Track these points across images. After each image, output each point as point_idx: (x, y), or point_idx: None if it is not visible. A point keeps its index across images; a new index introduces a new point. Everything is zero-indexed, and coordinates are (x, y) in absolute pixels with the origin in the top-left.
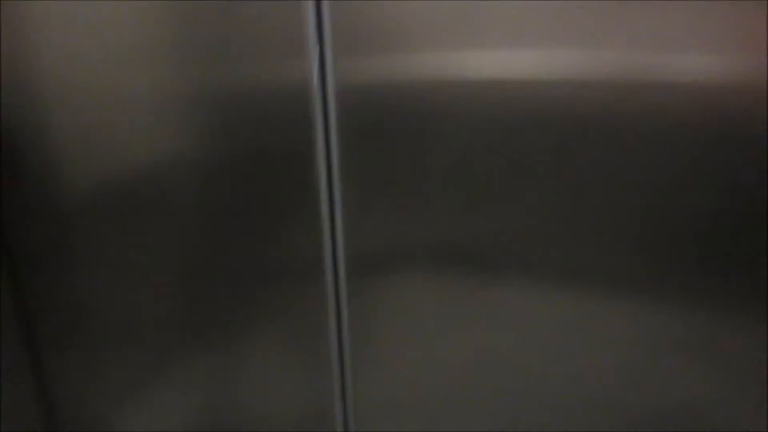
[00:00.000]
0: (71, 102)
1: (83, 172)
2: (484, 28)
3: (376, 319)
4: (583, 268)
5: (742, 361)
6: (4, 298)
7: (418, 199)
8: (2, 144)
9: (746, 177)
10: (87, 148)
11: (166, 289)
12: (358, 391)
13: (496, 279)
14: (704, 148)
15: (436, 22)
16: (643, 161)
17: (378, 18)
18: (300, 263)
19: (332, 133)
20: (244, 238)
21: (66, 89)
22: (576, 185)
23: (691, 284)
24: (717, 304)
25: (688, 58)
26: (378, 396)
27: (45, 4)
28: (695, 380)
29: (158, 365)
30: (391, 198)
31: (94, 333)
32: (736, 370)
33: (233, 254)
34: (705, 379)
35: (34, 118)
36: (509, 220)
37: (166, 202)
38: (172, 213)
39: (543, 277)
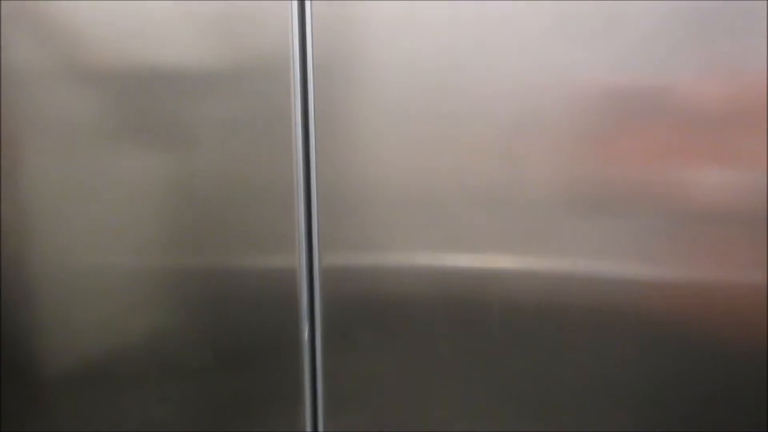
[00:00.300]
0: (57, 277)
1: (65, 349)
2: (465, 232)
3: None
4: None
5: None
6: None
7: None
8: None
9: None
10: (71, 325)
11: None
12: None
13: None
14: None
15: (419, 224)
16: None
17: (364, 218)
18: None
19: (317, 318)
20: (224, 414)
21: (52, 265)
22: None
23: None
24: None
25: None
26: None
27: (40, 182)
28: None
29: None
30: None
31: None
32: None
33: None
34: None
35: (17, 294)
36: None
37: (148, 379)
38: (154, 390)
39: None
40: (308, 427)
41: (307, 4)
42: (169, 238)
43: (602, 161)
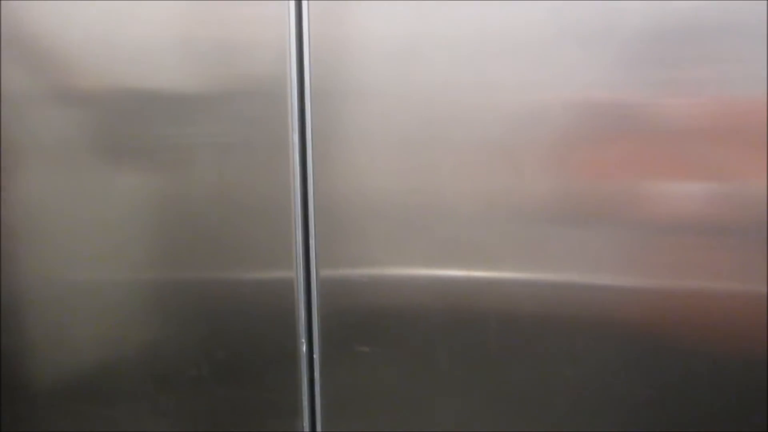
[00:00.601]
0: (52, 293)
1: (60, 363)
2: (457, 245)
3: None
4: None
5: None
6: None
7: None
8: None
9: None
10: (67, 339)
11: None
12: None
13: None
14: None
15: (414, 239)
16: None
17: (360, 233)
18: None
19: (315, 331)
20: (221, 426)
21: (48, 281)
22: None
23: None
24: None
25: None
26: None
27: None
28: None
29: None
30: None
31: None
32: None
33: None
34: None
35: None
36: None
37: (144, 392)
38: (150, 403)
39: None
40: None
41: (305, 26)
42: (167, 253)
43: (587, 175)
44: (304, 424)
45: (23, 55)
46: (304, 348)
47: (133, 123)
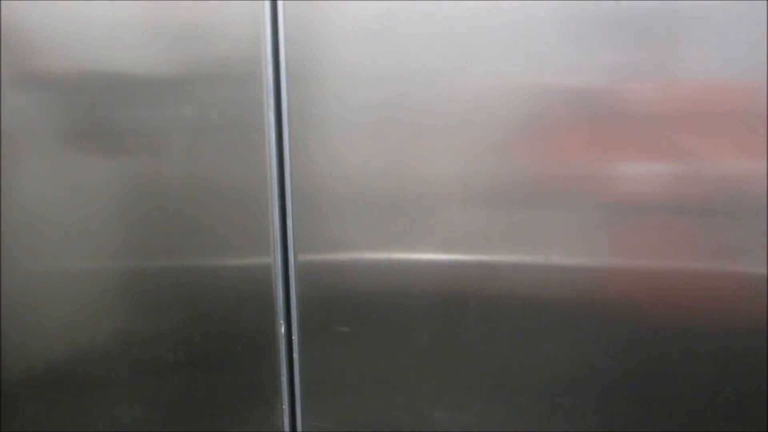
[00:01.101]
0: (26, 281)
1: (33, 353)
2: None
3: None
4: None
5: None
6: None
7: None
8: None
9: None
10: (40, 328)
11: None
12: None
13: None
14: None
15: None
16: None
17: (338, 217)
18: None
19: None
20: (201, 411)
21: (20, 269)
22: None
23: None
24: None
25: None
26: None
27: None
28: None
29: None
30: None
31: None
32: None
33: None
34: None
35: None
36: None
37: (120, 379)
38: (126, 390)
39: None
40: (286, 424)
41: (280, 7)
42: (141, 239)
43: (561, 158)
44: (284, 405)
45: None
46: (282, 329)
47: (104, 107)
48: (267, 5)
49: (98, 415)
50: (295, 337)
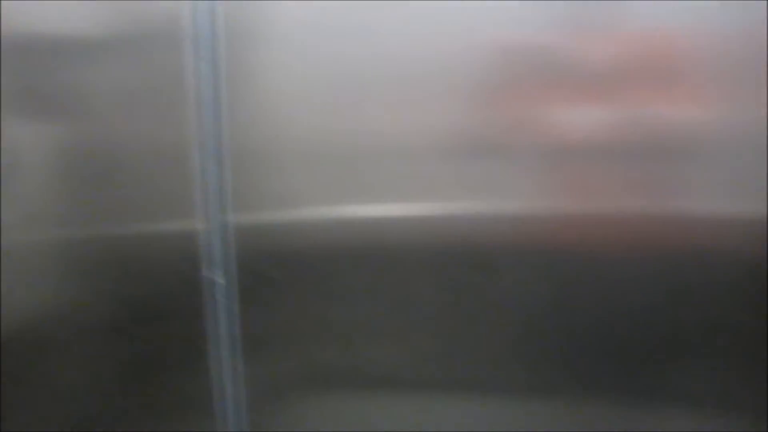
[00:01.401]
0: None
1: None
2: (369, 184)
3: None
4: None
5: None
6: None
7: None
8: None
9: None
10: None
11: None
12: None
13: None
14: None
15: (327, 179)
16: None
17: (274, 176)
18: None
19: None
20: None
21: None
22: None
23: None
24: None
25: None
26: None
27: None
28: None
29: None
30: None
31: None
32: None
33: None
34: None
35: None
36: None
37: (54, 349)
38: (59, 358)
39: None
40: (229, 387)
41: None
42: (68, 206)
43: (506, 108)
44: (224, 368)
45: None
46: (221, 291)
47: (28, 69)
48: None
49: (33, 381)
50: (234, 297)
